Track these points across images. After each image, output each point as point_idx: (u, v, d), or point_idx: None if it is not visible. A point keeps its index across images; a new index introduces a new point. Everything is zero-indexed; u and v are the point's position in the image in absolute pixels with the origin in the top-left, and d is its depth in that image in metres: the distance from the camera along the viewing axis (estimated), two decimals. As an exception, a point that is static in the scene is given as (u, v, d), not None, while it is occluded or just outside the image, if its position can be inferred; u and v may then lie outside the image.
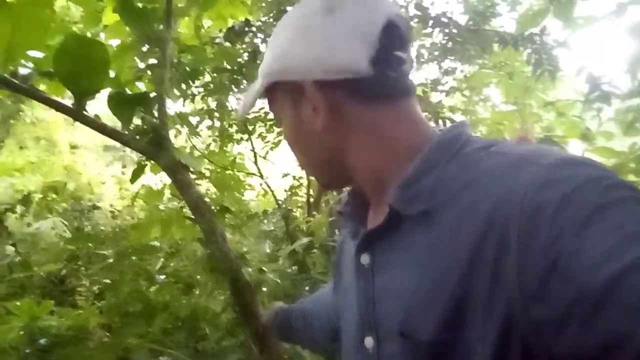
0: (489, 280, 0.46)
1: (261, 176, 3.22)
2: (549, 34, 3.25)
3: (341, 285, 0.75)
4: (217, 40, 1.97)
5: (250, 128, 3.30)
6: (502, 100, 4.06)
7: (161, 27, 1.22)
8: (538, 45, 3.20)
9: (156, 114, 1.21)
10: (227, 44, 1.93)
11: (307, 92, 0.59)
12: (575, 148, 3.10)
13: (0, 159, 4.35)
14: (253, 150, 3.20)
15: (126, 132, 1.17)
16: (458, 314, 0.48)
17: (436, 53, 3.53)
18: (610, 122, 3.05)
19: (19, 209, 3.39)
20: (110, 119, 1.20)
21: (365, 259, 0.62)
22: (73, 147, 5.97)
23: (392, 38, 0.58)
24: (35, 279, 2.93)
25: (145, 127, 1.18)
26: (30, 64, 1.07)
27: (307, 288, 2.85)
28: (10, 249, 3.17)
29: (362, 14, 0.58)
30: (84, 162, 5.20)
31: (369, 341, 0.60)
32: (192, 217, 1.32)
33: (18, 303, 1.98)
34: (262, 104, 3.37)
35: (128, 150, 6.19)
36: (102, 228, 3.36)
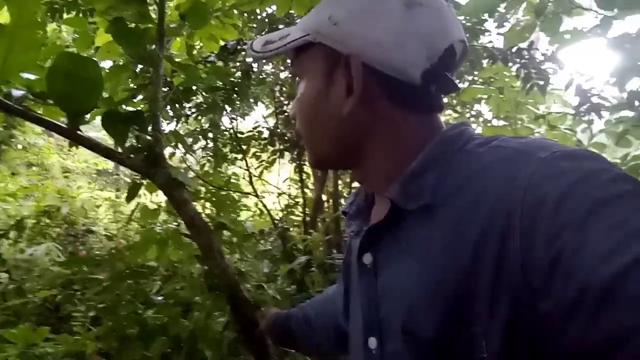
0: (492, 276, 0.46)
1: (257, 196, 3.21)
2: (537, 48, 3.31)
3: (351, 288, 0.74)
4: (210, 59, 1.99)
5: (244, 148, 3.30)
6: (494, 115, 4.09)
7: (154, 46, 1.24)
8: (527, 60, 3.25)
9: (150, 131, 1.21)
10: (220, 62, 1.94)
11: (353, 70, 0.57)
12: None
13: (-8, 185, 4.33)
14: (248, 169, 3.20)
15: (120, 151, 1.17)
16: (461, 310, 0.48)
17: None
18: (602, 134, 3.08)
19: (12, 235, 3.36)
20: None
21: (367, 258, 0.62)
22: (66, 172, 5.95)
23: (450, 59, 0.58)
24: (30, 306, 2.88)
25: (139, 145, 1.18)
26: (23, 87, 1.07)
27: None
28: (3, 276, 3.12)
29: (438, 22, 0.58)
30: (77, 186, 5.17)
31: (372, 342, 0.59)
32: (189, 234, 1.31)
33: (13, 331, 1.94)
34: (256, 122, 3.39)
35: (121, 174, 6.18)
36: (97, 252, 3.33)
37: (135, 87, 1.44)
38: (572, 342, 0.40)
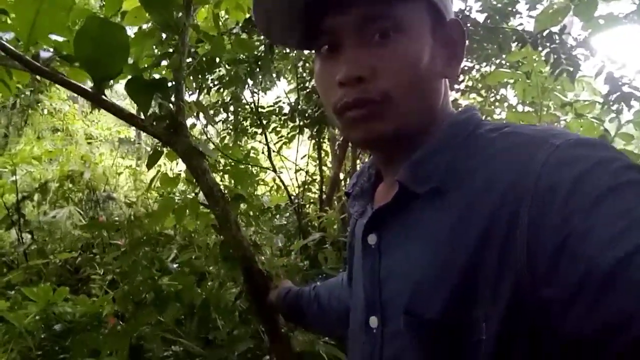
0: (498, 259, 0.46)
1: (275, 171, 3.22)
2: (569, 33, 3.21)
3: (354, 268, 0.75)
4: (234, 31, 1.98)
5: (265, 122, 3.31)
6: (519, 100, 4.01)
7: (180, 14, 1.23)
8: (557, 45, 3.16)
9: (173, 100, 1.22)
10: (244, 35, 1.93)
11: (459, 34, 0.60)
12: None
13: (18, 148, 4.42)
14: (267, 144, 3.20)
15: (143, 118, 1.18)
16: (467, 293, 0.48)
17: (453, 51, 3.49)
18: (630, 125, 3.00)
19: (36, 197, 3.44)
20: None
21: (372, 238, 0.62)
22: (89, 138, 6.04)
23: None
24: (51, 267, 2.97)
25: (162, 113, 1.19)
26: (51, 48, 1.08)
27: (318, 283, 2.85)
28: (27, 237, 3.22)
29: None
30: (99, 153, 5.25)
31: (373, 321, 0.60)
32: (206, 204, 1.33)
33: (35, 289, 2.00)
34: (278, 97, 3.38)
35: (142, 142, 6.26)
36: (117, 218, 3.40)
37: (160, 54, 1.44)
38: (573, 327, 0.40)
